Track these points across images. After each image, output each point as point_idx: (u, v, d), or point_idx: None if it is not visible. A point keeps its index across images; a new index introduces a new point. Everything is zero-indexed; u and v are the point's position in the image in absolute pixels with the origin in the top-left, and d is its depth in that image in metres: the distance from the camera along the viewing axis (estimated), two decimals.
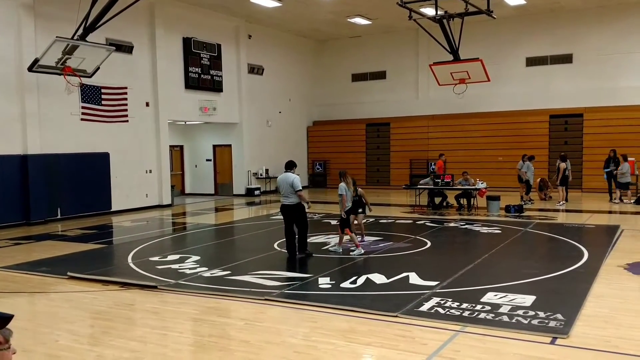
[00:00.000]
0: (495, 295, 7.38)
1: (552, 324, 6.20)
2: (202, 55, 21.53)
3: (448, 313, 6.67)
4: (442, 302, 7.09)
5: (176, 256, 10.72)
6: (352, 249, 10.82)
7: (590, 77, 22.64)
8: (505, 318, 6.44)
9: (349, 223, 10.74)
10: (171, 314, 7.14)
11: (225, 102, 22.83)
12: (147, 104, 19.58)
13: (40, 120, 16.09)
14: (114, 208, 18.26)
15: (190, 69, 21.04)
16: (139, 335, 6.34)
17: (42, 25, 15.95)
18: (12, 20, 15.40)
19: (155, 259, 10.47)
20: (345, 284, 8.25)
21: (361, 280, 8.46)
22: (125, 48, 18.52)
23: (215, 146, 25.02)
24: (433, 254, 10.87)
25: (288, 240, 10.49)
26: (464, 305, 6.93)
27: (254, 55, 24.32)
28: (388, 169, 26.50)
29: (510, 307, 6.81)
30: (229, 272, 9.17)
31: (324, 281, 8.49)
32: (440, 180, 17.91)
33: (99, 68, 15.67)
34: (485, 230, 13.46)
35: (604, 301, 7.23)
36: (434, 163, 20.99)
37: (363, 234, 12.01)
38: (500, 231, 13.23)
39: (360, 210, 11.67)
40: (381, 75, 27.03)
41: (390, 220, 15.34)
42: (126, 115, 18.49)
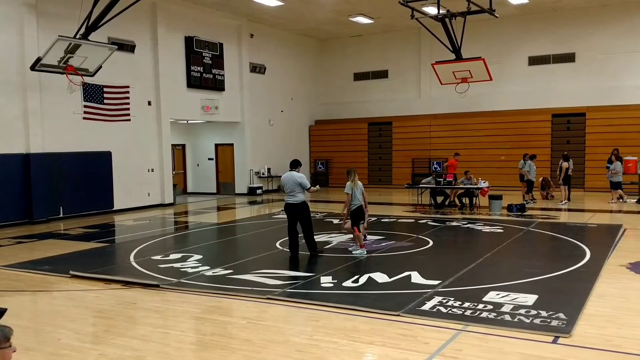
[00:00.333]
0: (498, 294, 7.37)
1: (554, 323, 6.20)
2: (204, 54, 21.54)
3: (450, 312, 6.67)
4: (444, 301, 7.08)
5: (178, 255, 10.72)
6: (354, 247, 10.82)
7: (593, 76, 22.60)
8: (508, 317, 6.43)
9: (357, 222, 10.71)
10: (173, 313, 7.15)
11: (228, 101, 22.84)
12: (150, 103, 19.60)
13: (42, 119, 16.12)
14: (116, 207, 18.28)
15: (192, 68, 21.05)
16: (141, 334, 6.34)
17: (45, 24, 15.97)
18: (15, 19, 15.42)
19: (158, 257, 10.48)
20: (348, 283, 8.25)
21: (363, 279, 8.46)
22: (127, 47, 18.54)
23: (217, 145, 25.03)
24: (435, 253, 10.86)
25: (291, 239, 10.48)
26: (466, 305, 6.92)
27: (256, 54, 24.32)
28: (390, 168, 26.49)
29: (512, 306, 6.81)
30: (231, 271, 9.17)
31: (326, 280, 8.49)
32: (442, 180, 17.91)
33: (101, 67, 15.67)
34: (487, 229, 13.45)
35: (606, 300, 7.22)
36: (436, 162, 21.01)
37: (365, 234, 11.99)
38: (502, 230, 13.22)
39: (362, 222, 11.72)
40: (383, 74, 27.01)
41: (392, 220, 15.34)
42: (128, 114, 18.50)
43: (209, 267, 9.51)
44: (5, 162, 15.33)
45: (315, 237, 10.80)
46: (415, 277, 8.47)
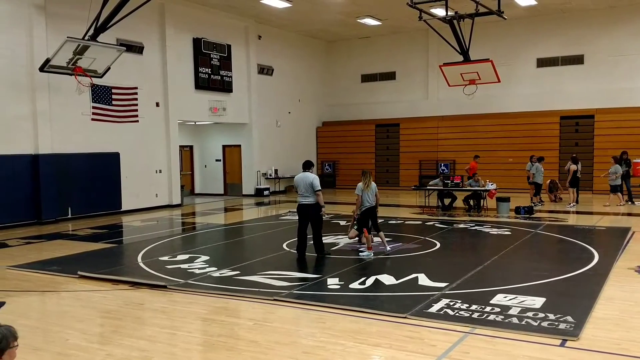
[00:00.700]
0: (505, 297, 7.35)
1: (562, 326, 6.17)
2: (212, 56, 21.59)
3: (457, 314, 6.65)
4: (452, 304, 7.07)
5: (185, 256, 10.75)
6: (362, 249, 10.82)
7: (602, 78, 22.50)
8: (515, 320, 6.41)
9: (367, 223, 10.71)
10: (180, 314, 7.17)
11: (235, 103, 22.88)
12: (157, 104, 19.66)
13: (51, 120, 16.20)
14: (124, 208, 18.35)
15: (200, 69, 21.11)
16: (148, 335, 6.36)
17: (54, 25, 16.06)
18: (24, 20, 15.51)
19: (165, 258, 10.51)
20: (354, 285, 8.24)
21: (370, 281, 8.45)
22: (135, 48, 18.61)
23: (224, 146, 25.08)
24: (442, 255, 10.84)
25: (300, 240, 10.48)
26: (474, 307, 6.90)
27: (263, 56, 24.36)
28: (397, 170, 26.45)
29: (520, 309, 6.78)
30: (238, 272, 9.18)
31: (333, 282, 8.49)
32: (449, 182, 17.87)
33: (109, 68, 15.74)
34: (494, 231, 13.41)
35: (615, 304, 7.18)
36: (443, 164, 20.91)
37: (372, 237, 11.99)
38: (510, 233, 13.18)
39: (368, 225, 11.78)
40: (391, 76, 27.00)
41: (400, 221, 15.31)
42: (136, 116, 18.57)
43: (216, 268, 9.53)
44: (14, 163, 15.42)
45: (324, 239, 10.81)
46: (423, 279, 8.45)
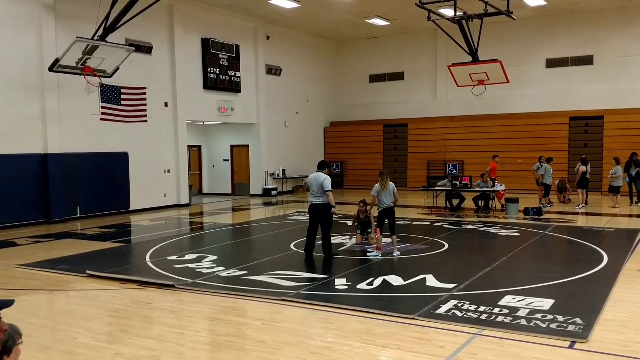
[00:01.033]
0: (513, 298, 7.32)
1: (571, 328, 6.14)
2: (221, 56, 21.63)
3: (465, 316, 6.63)
4: (460, 305, 7.04)
5: (193, 255, 10.77)
6: (369, 249, 10.81)
7: (611, 79, 22.36)
8: (523, 321, 6.38)
9: (382, 224, 10.71)
10: (188, 313, 7.18)
11: (243, 103, 22.91)
12: (166, 104, 19.71)
13: (60, 119, 16.28)
14: (132, 207, 18.41)
15: (208, 70, 21.15)
16: (156, 334, 6.37)
17: (63, 25, 16.13)
18: (33, 20, 15.59)
19: (173, 258, 10.54)
20: (362, 285, 8.23)
21: (378, 281, 8.44)
22: (144, 48, 18.67)
23: (232, 146, 25.12)
24: (450, 256, 10.80)
25: (308, 239, 10.48)
26: (482, 308, 6.88)
27: (271, 56, 24.38)
28: (405, 170, 26.39)
29: (528, 311, 6.75)
30: (246, 272, 9.19)
31: (341, 282, 8.48)
32: (458, 182, 17.82)
33: (118, 68, 15.80)
34: (503, 232, 13.36)
35: (624, 305, 7.14)
36: (451, 164, 20.84)
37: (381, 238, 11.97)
38: (518, 234, 13.12)
39: (369, 231, 11.78)
40: (399, 76, 26.95)
41: (408, 222, 15.28)
42: (145, 115, 18.62)
43: (223, 268, 9.54)
44: (23, 162, 15.50)
45: (331, 239, 10.82)
46: (431, 280, 8.43)
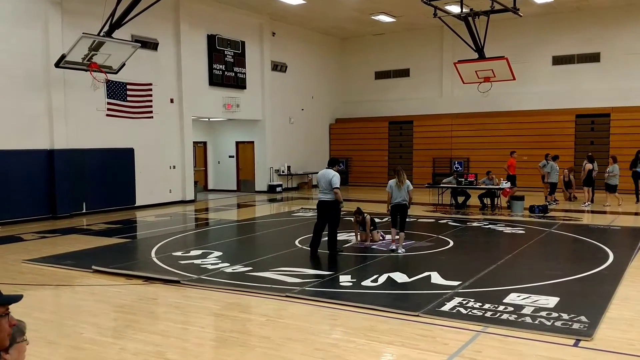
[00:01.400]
0: (518, 296, 7.31)
1: (576, 326, 6.13)
2: (227, 52, 21.64)
3: (470, 313, 6.62)
4: (464, 302, 7.04)
5: (199, 251, 10.80)
6: (392, 247, 10.74)
7: (618, 77, 22.26)
8: (528, 319, 6.37)
9: (394, 220, 10.73)
10: (193, 309, 7.20)
11: (249, 99, 22.92)
12: (172, 101, 19.74)
13: (66, 115, 16.32)
14: (138, 203, 18.46)
15: (214, 66, 21.16)
16: (161, 329, 6.40)
17: (69, 21, 16.17)
18: (40, 16, 15.62)
19: (178, 254, 10.57)
20: (367, 282, 8.24)
21: (382, 278, 8.44)
22: (150, 45, 18.69)
23: (238, 143, 25.14)
24: (455, 253, 10.79)
25: (315, 236, 10.49)
26: (487, 306, 6.87)
27: (277, 53, 24.37)
28: (411, 168, 26.29)
29: (533, 309, 6.74)
30: (251, 268, 9.21)
31: (345, 279, 8.49)
32: (463, 180, 17.79)
33: (124, 64, 15.83)
34: (508, 230, 13.34)
35: (629, 304, 7.12)
36: (457, 161, 20.77)
37: (384, 235, 11.98)
38: (524, 231, 13.10)
39: (372, 228, 11.79)
40: (405, 73, 26.90)
41: (413, 219, 15.24)
42: (151, 112, 18.66)
43: (228, 264, 9.57)
44: (29, 158, 15.55)
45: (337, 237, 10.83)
46: (435, 278, 8.43)
